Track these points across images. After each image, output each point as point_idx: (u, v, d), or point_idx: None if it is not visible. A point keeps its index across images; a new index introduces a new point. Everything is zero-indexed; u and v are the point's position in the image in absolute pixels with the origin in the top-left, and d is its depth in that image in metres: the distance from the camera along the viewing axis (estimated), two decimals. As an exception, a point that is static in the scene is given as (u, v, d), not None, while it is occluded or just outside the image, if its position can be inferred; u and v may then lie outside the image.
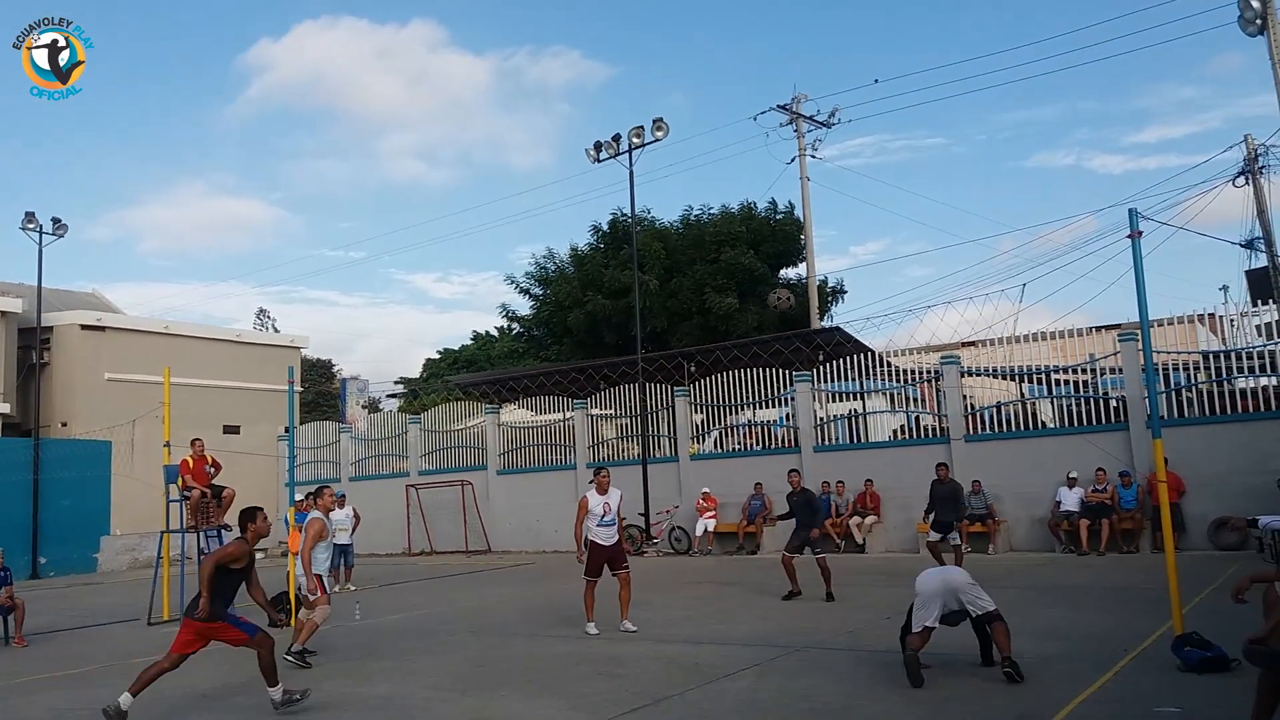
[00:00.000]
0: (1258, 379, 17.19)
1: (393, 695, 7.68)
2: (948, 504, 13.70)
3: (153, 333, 27.53)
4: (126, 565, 25.11)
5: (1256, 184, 21.79)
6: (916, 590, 7.47)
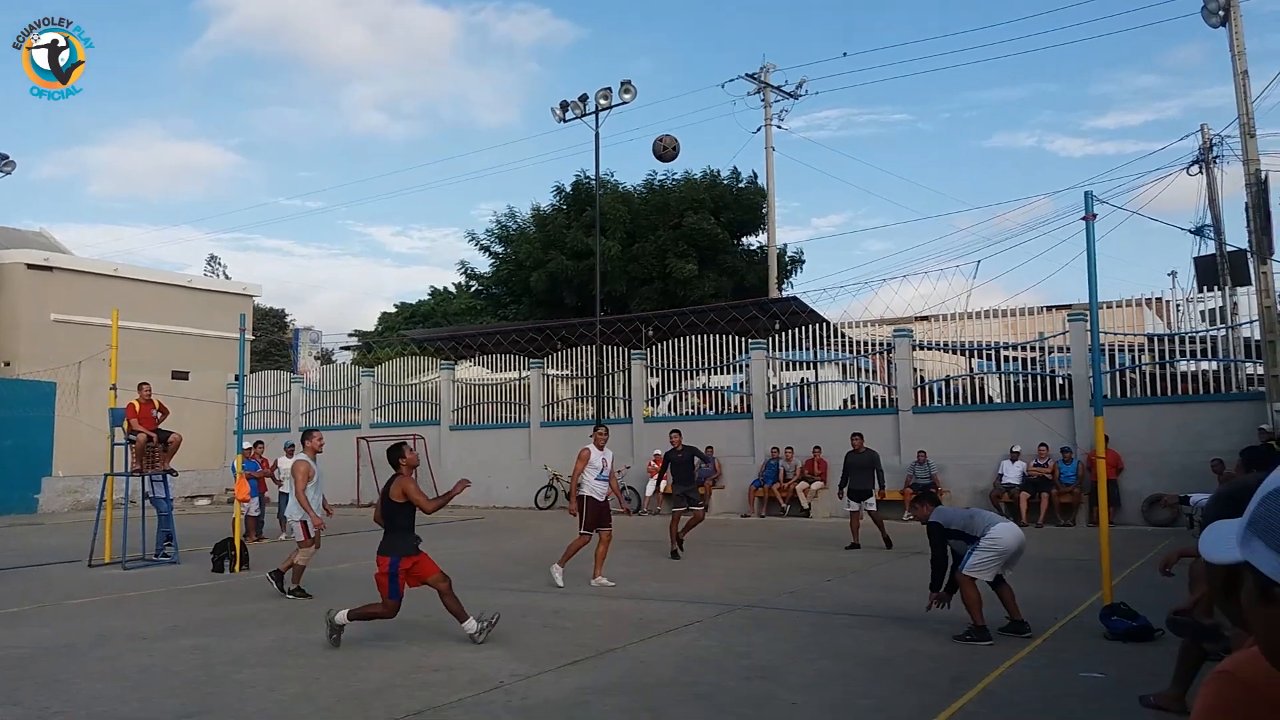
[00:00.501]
0: (1199, 363, 17.66)
1: (339, 642, 7.71)
2: (863, 473, 13.98)
3: (102, 275, 26.93)
4: (68, 507, 24.75)
5: (1210, 173, 22.19)
6: (995, 540, 7.38)
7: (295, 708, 5.76)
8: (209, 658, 7.18)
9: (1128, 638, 7.24)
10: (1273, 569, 1.17)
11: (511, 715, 5.57)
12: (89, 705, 5.87)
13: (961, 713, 5.46)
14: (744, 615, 8.69)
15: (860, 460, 14.09)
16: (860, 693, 5.94)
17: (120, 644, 7.77)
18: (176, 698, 6.01)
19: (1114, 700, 5.69)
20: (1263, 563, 1.18)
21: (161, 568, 12.90)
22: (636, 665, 6.80)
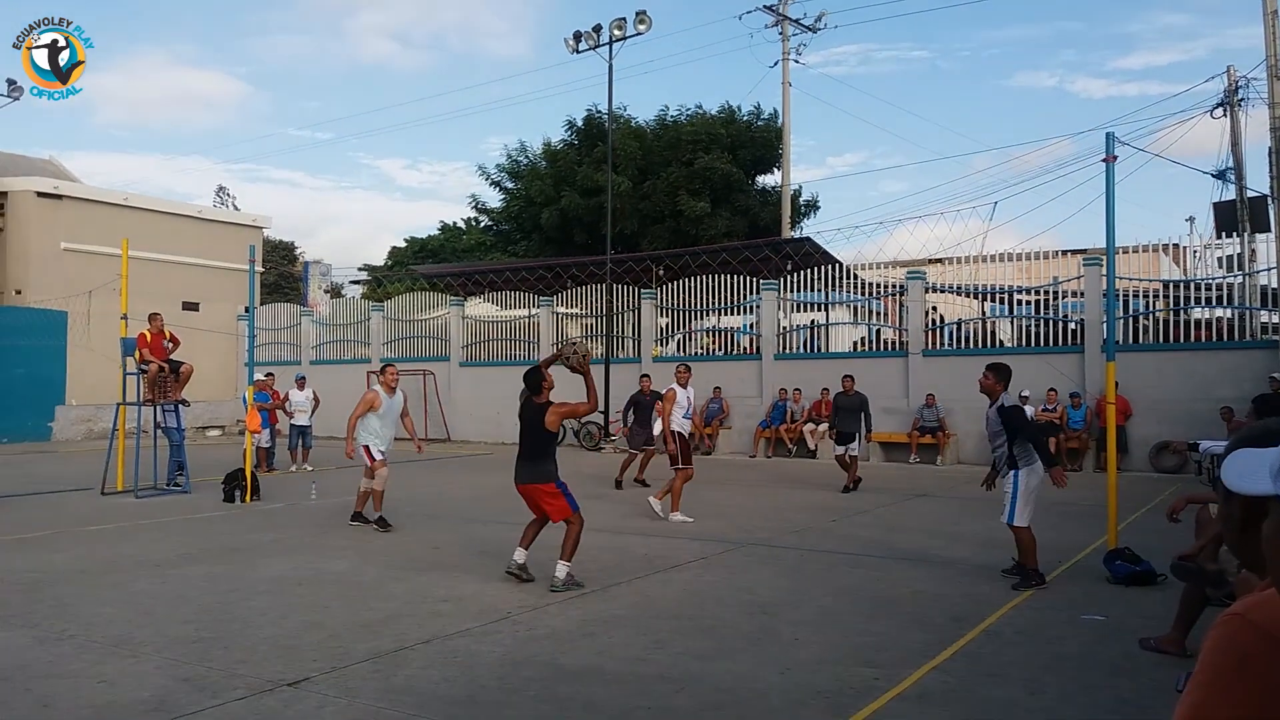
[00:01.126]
0: (1213, 310, 17.53)
1: (347, 572, 7.82)
2: (851, 416, 13.97)
3: (111, 204, 26.81)
4: (81, 435, 24.99)
5: (1234, 116, 21.81)
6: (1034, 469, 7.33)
7: (305, 635, 5.85)
8: (220, 585, 7.28)
9: (1130, 582, 7.28)
10: None
11: (518, 644, 5.65)
12: (103, 629, 5.98)
13: (963, 652, 5.52)
14: (748, 553, 8.76)
15: (849, 403, 14.07)
16: (861, 630, 6.01)
17: (133, 570, 7.88)
18: (188, 624, 6.11)
19: (1114, 642, 5.74)
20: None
21: (173, 497, 13.05)
22: (641, 599, 6.88)
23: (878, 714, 4.47)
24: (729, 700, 4.65)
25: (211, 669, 5.14)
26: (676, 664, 5.27)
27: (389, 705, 4.58)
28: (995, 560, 8.33)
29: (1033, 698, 4.72)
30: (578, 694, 4.75)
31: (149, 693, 4.74)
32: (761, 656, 5.42)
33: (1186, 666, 4.98)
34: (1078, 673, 5.14)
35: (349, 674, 5.08)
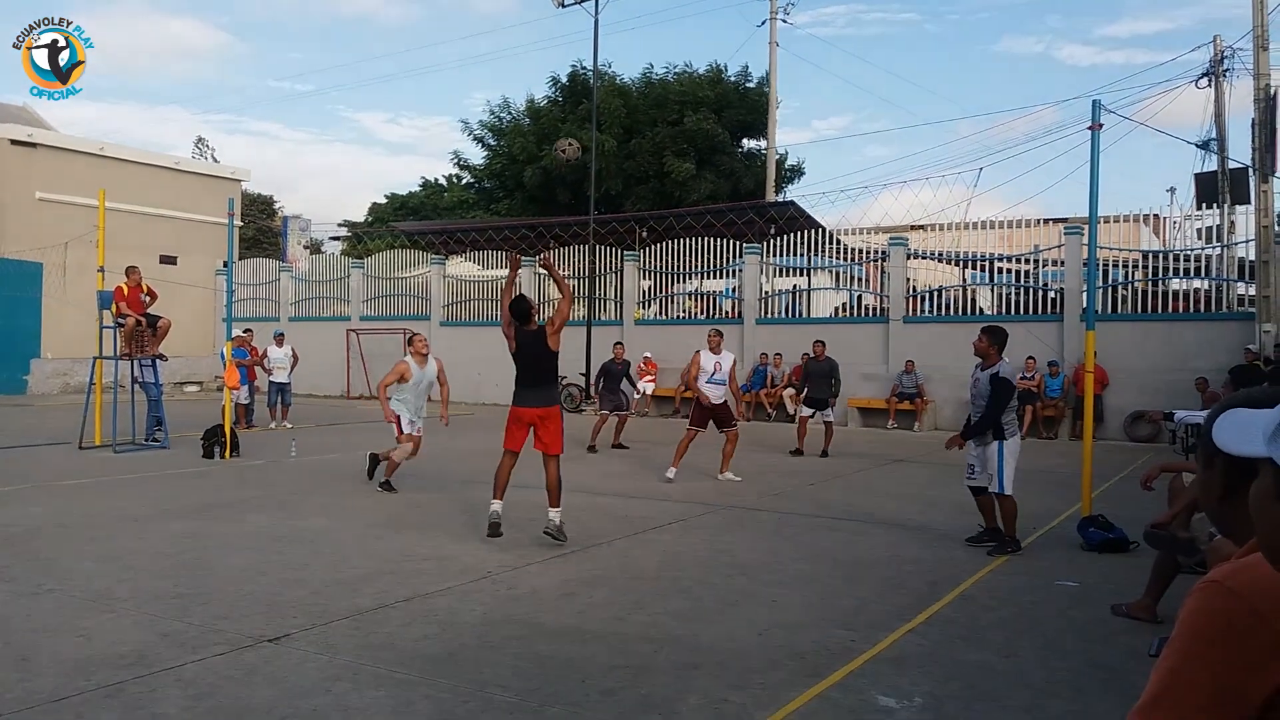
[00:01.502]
0: (1190, 281, 17.67)
1: (326, 530, 7.82)
2: (822, 381, 14.11)
3: (88, 153, 26.38)
4: (58, 389, 24.79)
5: (1219, 87, 21.83)
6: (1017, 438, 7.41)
7: (285, 591, 5.86)
8: (199, 541, 7.27)
9: (1103, 549, 7.39)
10: None
11: (499, 604, 5.68)
12: (83, 584, 5.96)
13: (938, 616, 5.60)
14: (727, 515, 8.83)
15: (820, 368, 14.19)
16: (839, 592, 6.08)
17: (111, 525, 7.86)
18: (168, 579, 6.11)
19: (1087, 608, 5.83)
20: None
21: (152, 452, 13.00)
22: (621, 559, 6.93)
23: (854, 675, 4.53)
24: (707, 660, 4.70)
25: (191, 624, 5.15)
26: (655, 624, 5.32)
27: (369, 661, 4.60)
28: (971, 526, 8.42)
29: (1007, 661, 4.80)
30: (557, 653, 4.79)
31: (128, 647, 4.75)
32: (740, 618, 5.48)
33: (1158, 632, 5.08)
34: (1051, 637, 5.22)
35: (329, 630, 5.10)
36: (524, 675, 4.45)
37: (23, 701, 4.02)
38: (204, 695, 4.14)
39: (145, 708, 3.99)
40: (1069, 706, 4.22)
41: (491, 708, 4.06)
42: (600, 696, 4.21)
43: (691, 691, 4.28)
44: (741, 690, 4.31)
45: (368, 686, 4.27)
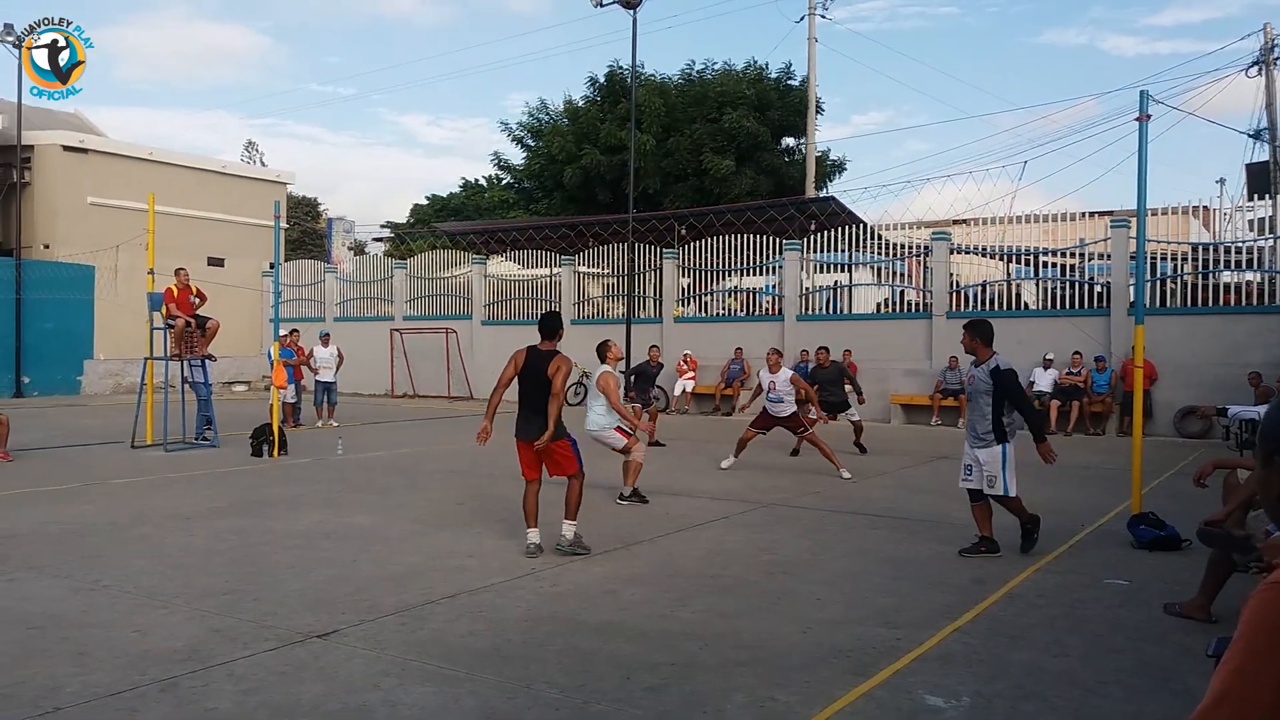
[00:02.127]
0: (1242, 274, 17.30)
1: (372, 527, 7.92)
2: (834, 386, 13.97)
3: (137, 158, 26.88)
4: (110, 389, 25.30)
5: (1269, 75, 21.36)
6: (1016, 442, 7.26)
7: (332, 588, 5.94)
8: (248, 539, 7.39)
9: (1154, 547, 7.26)
10: None
11: (542, 600, 5.71)
12: (134, 580, 6.09)
13: (985, 614, 5.54)
14: (768, 513, 8.80)
15: (827, 374, 14.02)
16: (882, 590, 6.03)
17: (162, 523, 8.01)
18: (217, 576, 6.21)
19: (1138, 607, 5.74)
20: None
21: (202, 451, 13.22)
22: (663, 557, 6.94)
23: (899, 674, 4.50)
24: (751, 658, 4.69)
25: (242, 620, 5.24)
26: (699, 621, 5.32)
27: (416, 657, 4.65)
28: (1017, 523, 8.32)
29: (1055, 660, 4.73)
30: (601, 649, 4.81)
31: (181, 642, 4.84)
32: (783, 615, 5.46)
33: (1213, 632, 4.98)
34: (1101, 637, 5.14)
35: (377, 626, 5.16)
36: (568, 672, 4.48)
37: (80, 695, 4.12)
38: (254, 690, 4.21)
39: (198, 702, 4.07)
40: (1120, 707, 4.16)
41: (537, 704, 4.08)
42: (644, 693, 4.22)
43: (736, 689, 4.27)
44: (786, 688, 4.30)
45: (414, 682, 4.32)
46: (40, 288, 24.17)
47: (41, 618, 5.26)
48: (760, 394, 11.93)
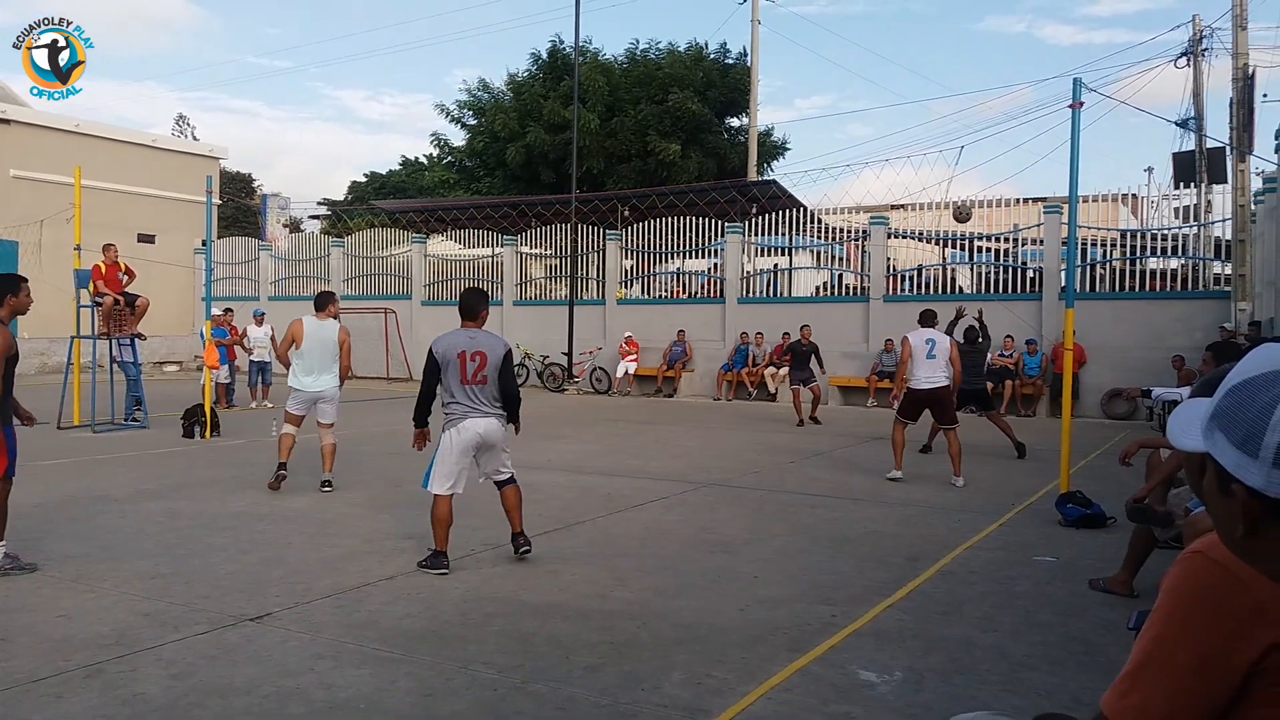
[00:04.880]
0: (1167, 260, 17.79)
1: (309, 509, 7.81)
2: (804, 359, 15.86)
3: (62, 130, 25.99)
4: (35, 369, 24.50)
5: (1197, 66, 21.92)
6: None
7: (267, 570, 5.85)
8: (180, 521, 7.24)
9: (1081, 524, 7.47)
10: (1231, 463, 1.18)
11: (481, 581, 5.69)
12: (60, 564, 5.93)
13: (918, 591, 5.65)
14: (708, 493, 8.86)
15: (805, 350, 15.85)
16: (820, 568, 6.12)
17: (91, 505, 7.82)
18: (149, 559, 6.08)
19: (1065, 582, 5.90)
20: (1222, 455, 1.19)
21: (131, 432, 12.91)
22: (604, 537, 6.95)
23: (835, 650, 4.57)
24: (689, 636, 4.73)
25: (172, 604, 5.13)
26: (638, 600, 5.35)
27: (352, 639, 4.60)
28: (951, 502, 8.50)
29: (985, 635, 4.85)
30: (541, 629, 4.81)
31: (109, 627, 4.73)
32: (722, 594, 5.51)
33: (1135, 606, 5.14)
34: (1029, 611, 5.28)
35: (312, 609, 5.09)
36: (507, 652, 4.47)
37: (1, 682, 4.00)
38: (185, 674, 4.13)
39: (126, 687, 3.98)
40: (1046, 679, 4.27)
41: (475, 685, 4.07)
42: (584, 673, 4.23)
43: (674, 667, 4.30)
44: (724, 665, 4.34)
45: (350, 665, 4.28)
46: (-40, 263, 23.29)
47: (-39, 603, 5.10)
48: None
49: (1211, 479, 1.23)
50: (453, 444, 5.97)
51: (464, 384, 5.96)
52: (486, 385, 5.99)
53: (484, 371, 5.97)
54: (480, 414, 5.99)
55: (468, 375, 5.96)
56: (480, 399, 5.99)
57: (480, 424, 5.99)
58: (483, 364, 5.97)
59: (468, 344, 6.02)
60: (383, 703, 3.88)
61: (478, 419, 5.98)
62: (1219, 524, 1.25)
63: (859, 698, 4.02)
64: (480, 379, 5.97)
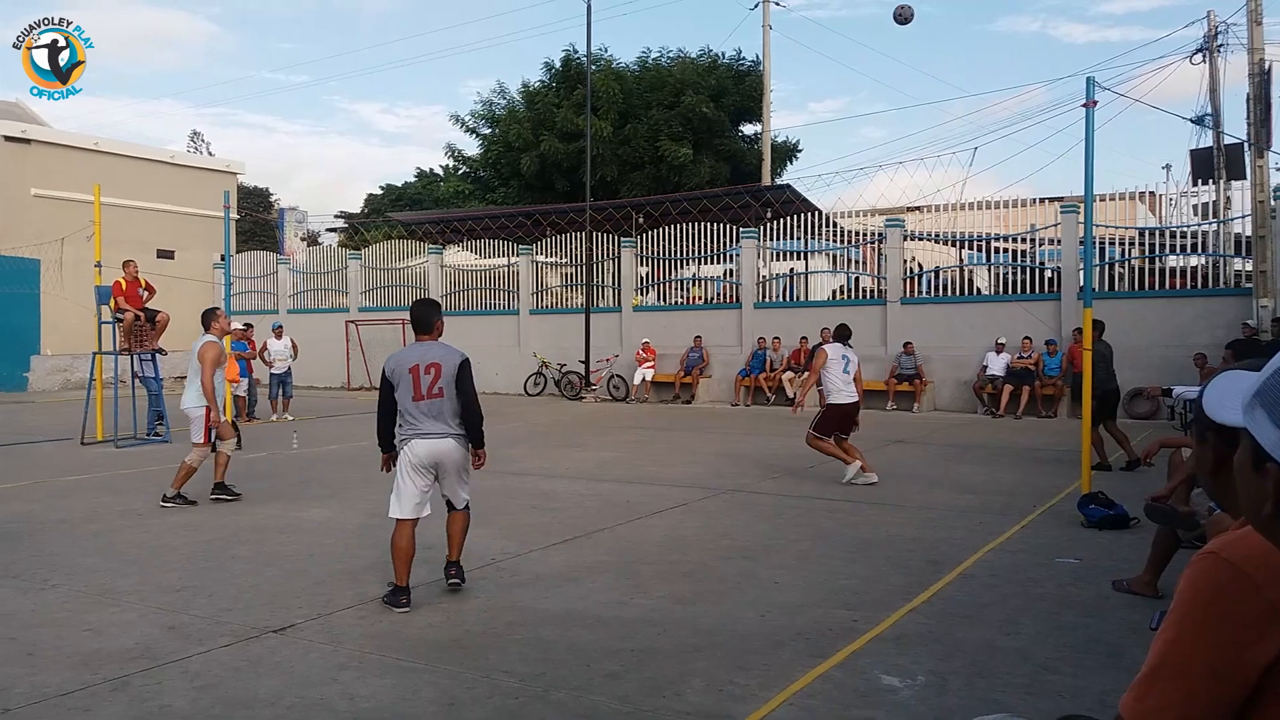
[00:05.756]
0: (1187, 257, 17.66)
1: (330, 521, 7.85)
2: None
3: (82, 148, 26.29)
4: (59, 385, 24.78)
5: (1213, 62, 21.77)
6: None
7: (289, 582, 5.88)
8: (203, 534, 7.30)
9: (1104, 525, 7.41)
10: (1271, 441, 1.19)
11: (503, 590, 5.71)
12: (86, 578, 5.99)
13: (939, 595, 5.62)
14: (727, 499, 8.85)
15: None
16: (840, 573, 6.10)
17: (114, 520, 7.88)
18: (172, 572, 6.13)
19: (1088, 584, 5.86)
20: (1262, 434, 1.20)
21: (153, 446, 13.01)
22: (623, 545, 6.96)
23: (856, 655, 4.56)
24: (709, 643, 4.73)
25: (196, 617, 5.17)
26: (658, 607, 5.35)
27: (375, 650, 4.63)
28: (971, 505, 8.46)
29: (1008, 638, 4.82)
30: (561, 637, 4.82)
31: (134, 641, 4.77)
32: (741, 600, 5.51)
33: (1159, 607, 5.09)
34: (1052, 614, 5.25)
35: (334, 620, 5.12)
36: (528, 660, 4.48)
37: (30, 696, 4.05)
38: (210, 687, 4.16)
39: (152, 700, 4.02)
40: (1070, 682, 4.25)
41: (497, 693, 4.09)
42: (605, 680, 4.24)
43: (695, 674, 4.30)
44: (745, 671, 4.34)
45: (373, 675, 4.30)
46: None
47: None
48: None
49: (1245, 456, 1.24)
50: (403, 464, 5.53)
51: (416, 400, 5.48)
52: (444, 399, 5.49)
53: (439, 383, 5.49)
54: (433, 436, 5.49)
55: (421, 390, 5.48)
56: (436, 418, 5.50)
57: (430, 445, 5.51)
58: (437, 375, 5.50)
59: (420, 357, 5.57)
60: (406, 712, 3.90)
61: (429, 440, 5.50)
62: (1247, 502, 1.25)
63: (882, 702, 4.01)
64: (436, 392, 5.48)
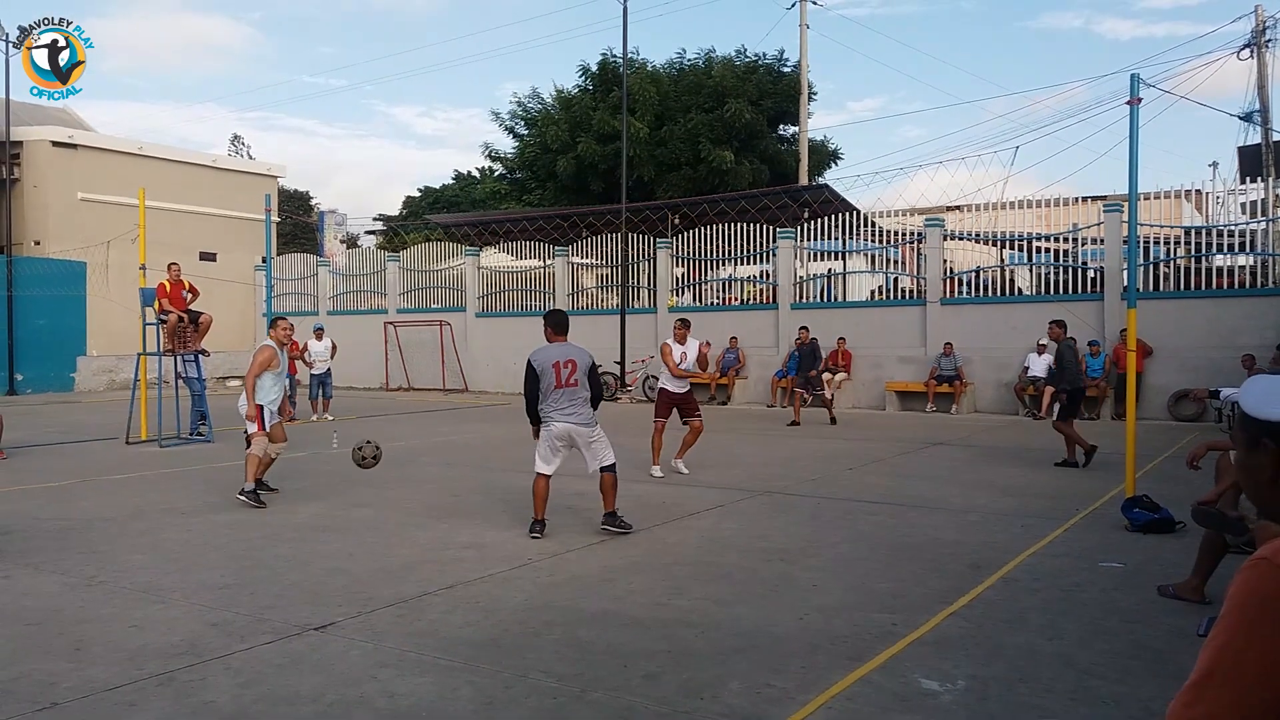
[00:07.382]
0: (1234, 257, 17.33)
1: (369, 520, 7.92)
2: (806, 361, 16.48)
3: (127, 153, 26.77)
4: (104, 386, 25.23)
5: (1261, 57, 21.36)
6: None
7: (329, 580, 5.94)
8: (245, 532, 7.39)
9: (1148, 530, 7.29)
10: None
11: (539, 590, 5.72)
12: (131, 575, 6.09)
13: (980, 599, 5.56)
14: (765, 501, 8.82)
15: (807, 350, 16.48)
16: (879, 576, 6.05)
17: (158, 518, 8.01)
18: (214, 570, 6.21)
19: (1132, 589, 5.76)
20: None
21: (197, 446, 13.20)
22: (660, 546, 6.95)
23: (895, 659, 4.52)
24: (747, 645, 4.71)
25: (239, 614, 5.24)
26: (696, 609, 5.33)
27: (414, 648, 4.66)
28: (1013, 508, 8.36)
29: (1050, 643, 4.75)
30: (599, 638, 4.82)
31: (179, 637, 4.84)
32: (780, 602, 5.48)
33: (1206, 613, 5.00)
34: (1095, 619, 5.17)
35: (374, 619, 5.16)
36: (566, 660, 4.49)
37: (77, 690, 4.12)
38: (252, 683, 4.21)
39: (196, 695, 4.07)
40: (1114, 688, 4.18)
41: (535, 693, 4.10)
42: (642, 681, 4.23)
43: (733, 676, 4.29)
44: (783, 674, 4.32)
45: (412, 673, 4.33)
46: (32, 284, 24.06)
47: (38, 613, 5.26)
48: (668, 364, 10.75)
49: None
50: (545, 436, 7.23)
51: (557, 387, 7.12)
52: (578, 387, 7.18)
53: (575, 375, 7.18)
54: (564, 416, 7.16)
55: (561, 379, 7.14)
56: (570, 401, 7.15)
57: (565, 424, 7.17)
58: (574, 369, 7.19)
59: (560, 354, 7.25)
60: (445, 710, 3.92)
61: (565, 421, 7.17)
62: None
63: (921, 707, 3.97)
64: (573, 382, 7.16)
